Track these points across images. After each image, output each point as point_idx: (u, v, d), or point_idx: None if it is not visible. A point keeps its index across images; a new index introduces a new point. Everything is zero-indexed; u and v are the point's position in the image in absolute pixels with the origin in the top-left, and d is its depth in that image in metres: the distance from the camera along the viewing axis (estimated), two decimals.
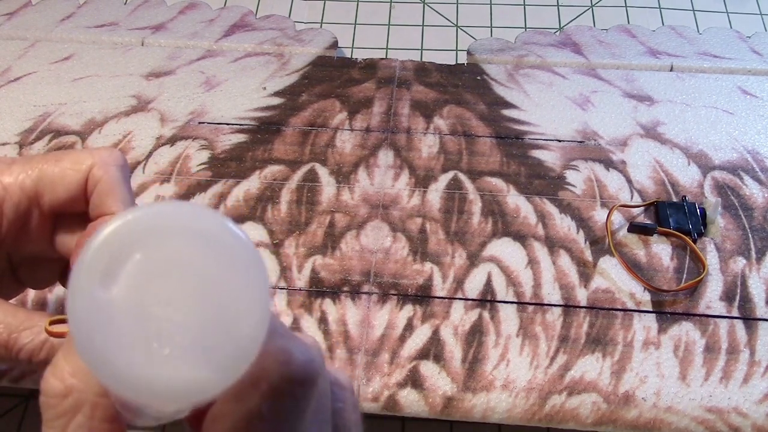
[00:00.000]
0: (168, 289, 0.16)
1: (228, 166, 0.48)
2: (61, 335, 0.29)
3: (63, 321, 0.29)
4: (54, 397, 0.19)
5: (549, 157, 0.49)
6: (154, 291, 0.16)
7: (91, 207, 0.30)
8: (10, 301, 0.31)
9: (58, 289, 0.41)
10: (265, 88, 0.53)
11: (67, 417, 0.19)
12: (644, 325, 0.41)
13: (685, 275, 0.43)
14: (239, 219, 0.45)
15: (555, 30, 0.62)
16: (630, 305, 0.41)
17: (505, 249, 0.44)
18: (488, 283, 0.42)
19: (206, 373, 0.16)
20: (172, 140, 0.50)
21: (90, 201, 0.30)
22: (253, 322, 0.16)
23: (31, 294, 0.41)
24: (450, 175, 0.48)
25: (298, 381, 0.18)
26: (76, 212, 0.31)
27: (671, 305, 0.41)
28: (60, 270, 0.34)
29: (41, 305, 0.41)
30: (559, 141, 0.50)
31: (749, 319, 0.41)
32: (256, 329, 0.16)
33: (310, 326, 0.41)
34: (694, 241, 0.44)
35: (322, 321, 0.41)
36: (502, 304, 0.42)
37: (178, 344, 0.15)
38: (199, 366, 0.16)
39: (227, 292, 0.16)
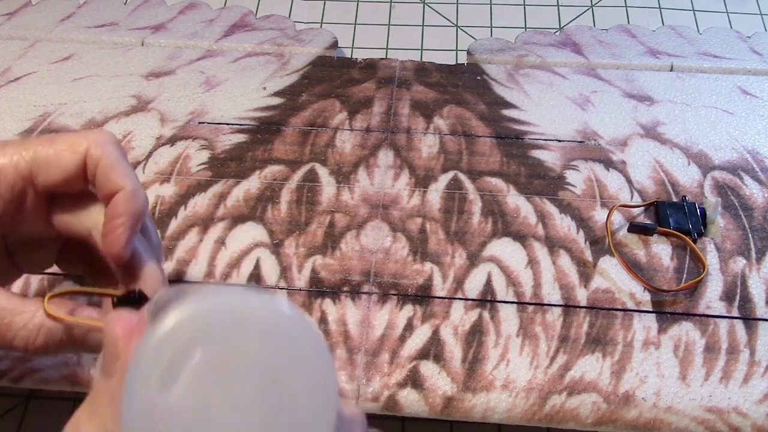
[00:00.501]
0: (229, 390, 0.15)
1: (228, 166, 0.48)
2: (59, 319, 0.28)
3: (62, 294, 0.29)
4: None
5: (549, 157, 0.49)
6: (215, 392, 0.15)
7: (98, 186, 0.30)
8: (10, 289, 0.31)
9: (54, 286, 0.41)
10: (265, 88, 0.53)
11: None
12: (644, 325, 0.41)
13: (685, 275, 0.43)
14: (239, 219, 0.45)
15: (555, 30, 0.62)
16: (630, 305, 0.41)
17: (505, 249, 0.44)
18: (488, 283, 0.42)
19: None
20: (172, 140, 0.50)
21: (95, 180, 0.30)
22: (320, 423, 0.15)
23: (32, 287, 0.41)
24: (450, 175, 0.48)
25: None
26: (73, 192, 0.31)
27: (671, 305, 0.41)
28: (57, 250, 0.34)
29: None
30: (559, 141, 0.50)
31: (749, 319, 0.41)
32: (325, 428, 0.15)
33: None
34: (694, 241, 0.44)
35: (322, 321, 0.41)
36: (502, 304, 0.42)
37: None
38: None
39: (293, 392, 0.15)
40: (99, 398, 0.19)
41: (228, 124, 0.51)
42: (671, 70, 0.55)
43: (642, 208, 0.45)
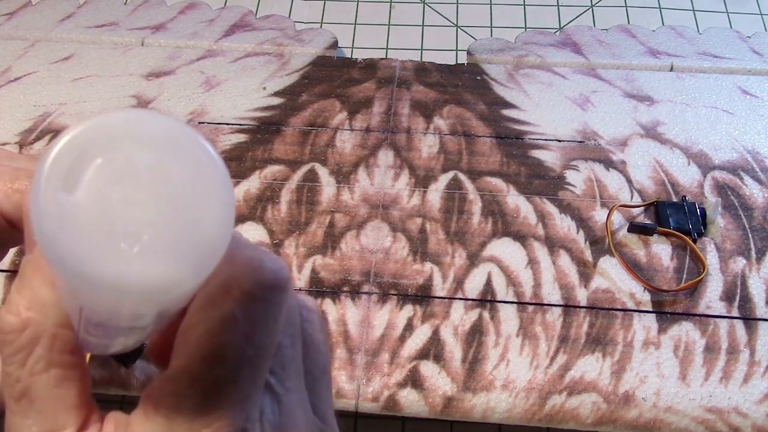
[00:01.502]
0: (131, 191, 0.16)
1: (228, 166, 0.48)
2: None
3: None
4: (10, 332, 0.19)
5: (549, 157, 0.49)
6: (117, 193, 0.16)
7: None
8: None
9: None
10: (265, 88, 0.53)
11: (26, 351, 0.19)
12: (644, 325, 0.41)
13: (685, 275, 0.43)
14: (239, 219, 0.45)
15: (555, 30, 0.62)
16: (630, 305, 0.41)
17: (505, 249, 0.44)
18: (488, 283, 0.42)
19: (176, 269, 0.16)
20: None
21: None
22: (218, 218, 0.17)
23: None
24: (450, 175, 0.48)
25: (269, 286, 0.19)
26: None
27: (671, 305, 0.41)
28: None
29: None
30: (559, 141, 0.50)
31: (749, 319, 0.41)
32: (222, 225, 0.17)
33: None
34: (694, 241, 0.44)
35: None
36: (502, 304, 0.41)
37: (146, 242, 0.16)
38: (168, 262, 0.16)
39: (190, 192, 0.17)
40: (26, 271, 0.20)
41: (228, 124, 0.51)
42: (671, 70, 0.55)
43: (642, 208, 0.45)
